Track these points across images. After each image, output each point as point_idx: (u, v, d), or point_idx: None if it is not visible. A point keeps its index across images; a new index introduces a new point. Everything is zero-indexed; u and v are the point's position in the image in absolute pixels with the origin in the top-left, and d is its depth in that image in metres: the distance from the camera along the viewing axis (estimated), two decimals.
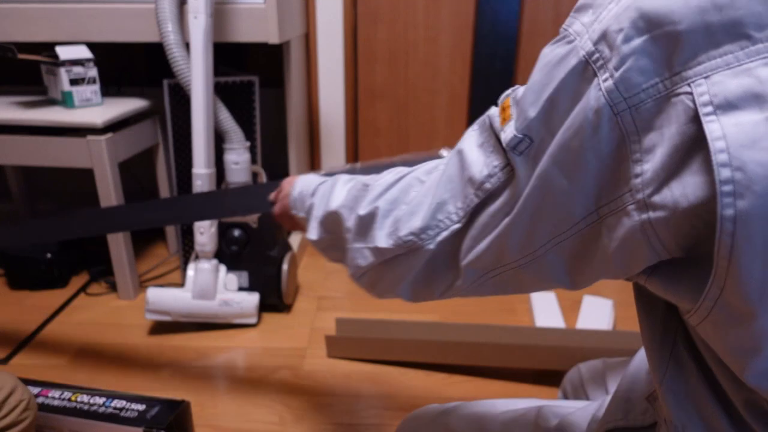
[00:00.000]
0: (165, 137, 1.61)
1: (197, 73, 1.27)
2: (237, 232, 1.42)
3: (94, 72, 1.42)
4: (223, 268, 1.41)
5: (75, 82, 1.40)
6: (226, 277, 1.41)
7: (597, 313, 1.42)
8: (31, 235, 1.19)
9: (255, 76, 1.47)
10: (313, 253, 1.82)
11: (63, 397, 0.97)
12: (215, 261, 1.38)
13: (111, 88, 1.66)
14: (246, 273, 1.44)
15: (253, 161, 1.48)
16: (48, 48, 1.38)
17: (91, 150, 1.37)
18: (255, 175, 1.46)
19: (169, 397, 0.97)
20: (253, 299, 1.39)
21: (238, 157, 1.39)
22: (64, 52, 1.38)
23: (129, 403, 0.95)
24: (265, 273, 1.43)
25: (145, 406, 0.94)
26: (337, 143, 1.97)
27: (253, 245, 1.43)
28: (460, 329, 1.26)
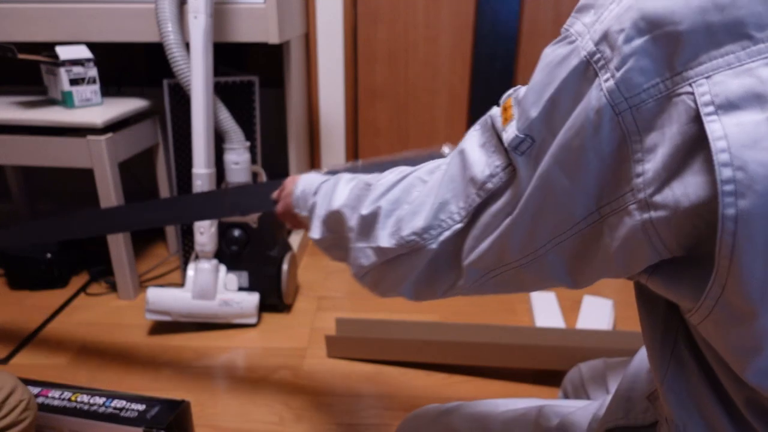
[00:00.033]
0: (165, 137, 1.61)
1: (197, 73, 1.27)
2: (237, 232, 1.42)
3: (94, 72, 1.42)
4: (223, 268, 1.41)
5: (75, 82, 1.40)
6: (226, 277, 1.41)
7: (597, 313, 1.42)
8: (31, 236, 1.19)
9: (255, 76, 1.47)
10: (313, 253, 1.82)
11: (63, 397, 0.97)
12: (215, 261, 1.38)
13: (111, 88, 1.66)
14: (246, 273, 1.44)
15: (253, 161, 1.48)
16: (48, 48, 1.38)
17: (91, 150, 1.37)
18: (255, 175, 1.46)
19: (169, 397, 0.97)
20: (253, 299, 1.39)
21: (238, 157, 1.39)
22: (64, 52, 1.38)
23: (129, 403, 0.95)
24: (265, 273, 1.43)
25: (145, 406, 0.94)
26: (337, 143, 1.97)
27: (253, 245, 1.43)
28: (460, 329, 1.26)
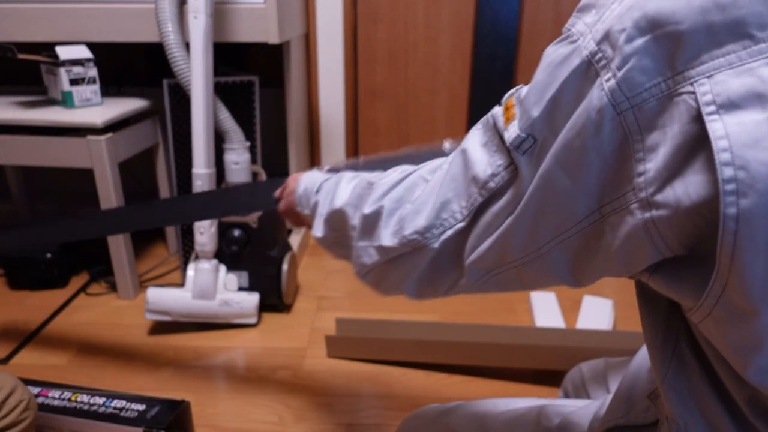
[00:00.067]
0: (165, 137, 1.61)
1: (197, 73, 1.27)
2: (237, 232, 1.42)
3: (94, 72, 1.42)
4: (223, 268, 1.41)
5: (75, 82, 1.40)
6: (226, 277, 1.41)
7: (597, 313, 1.42)
8: (31, 240, 1.18)
9: (255, 76, 1.47)
10: (313, 253, 1.82)
11: (63, 397, 0.97)
12: (215, 261, 1.38)
13: (111, 88, 1.66)
14: (246, 273, 1.44)
15: (253, 161, 1.48)
16: (48, 48, 1.38)
17: (91, 150, 1.37)
18: (255, 175, 1.46)
19: (169, 397, 0.97)
20: (253, 299, 1.39)
21: (238, 157, 1.39)
22: (64, 52, 1.38)
23: (129, 403, 0.95)
24: (265, 273, 1.43)
25: (145, 406, 0.94)
26: (337, 143, 1.97)
27: (253, 245, 1.43)
28: (460, 329, 1.26)
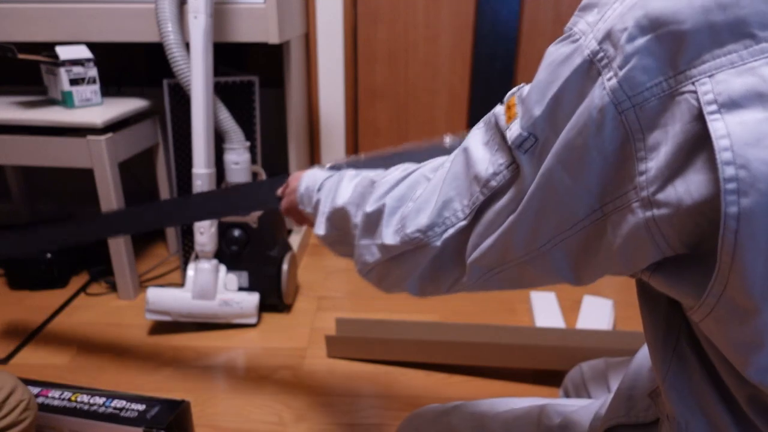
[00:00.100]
0: (165, 137, 1.61)
1: (197, 73, 1.27)
2: (237, 232, 1.42)
3: (94, 72, 1.42)
4: (223, 268, 1.41)
5: (75, 82, 1.40)
6: (226, 277, 1.41)
7: (597, 313, 1.42)
8: (32, 245, 1.17)
9: (255, 76, 1.47)
10: (313, 253, 1.82)
11: (63, 397, 0.97)
12: (215, 261, 1.38)
13: (111, 88, 1.66)
14: (246, 273, 1.44)
15: (253, 161, 1.48)
16: (48, 48, 1.38)
17: (91, 150, 1.37)
18: (255, 175, 1.47)
19: (169, 397, 0.97)
20: (253, 299, 1.39)
21: (238, 157, 1.39)
22: (64, 52, 1.38)
23: (129, 403, 0.95)
24: (265, 273, 1.43)
25: (145, 406, 0.94)
26: (337, 143, 1.97)
27: (253, 245, 1.43)
28: (460, 329, 1.26)
